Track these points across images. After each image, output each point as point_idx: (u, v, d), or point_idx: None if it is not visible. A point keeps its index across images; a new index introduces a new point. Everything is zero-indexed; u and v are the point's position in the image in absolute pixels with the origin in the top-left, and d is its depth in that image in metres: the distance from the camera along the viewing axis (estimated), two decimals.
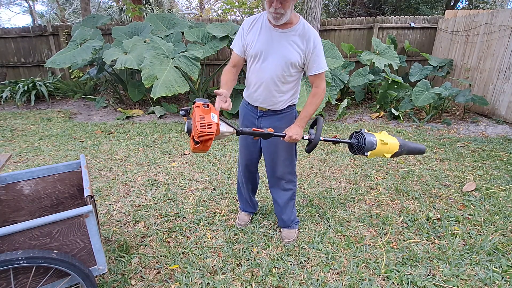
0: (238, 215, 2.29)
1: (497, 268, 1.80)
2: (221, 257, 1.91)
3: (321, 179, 2.96)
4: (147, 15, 8.69)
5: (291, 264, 1.86)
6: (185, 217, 2.34)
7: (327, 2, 12.79)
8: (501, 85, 4.80)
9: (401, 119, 4.96)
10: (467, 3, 11.51)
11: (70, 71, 6.98)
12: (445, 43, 6.23)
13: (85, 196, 1.43)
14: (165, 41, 4.84)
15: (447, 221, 2.25)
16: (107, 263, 1.64)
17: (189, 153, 3.63)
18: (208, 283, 1.71)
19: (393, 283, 1.71)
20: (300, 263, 1.87)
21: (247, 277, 1.75)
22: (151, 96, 4.13)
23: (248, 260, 1.89)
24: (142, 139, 4.17)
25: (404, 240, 2.07)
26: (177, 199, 2.60)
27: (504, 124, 4.70)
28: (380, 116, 5.23)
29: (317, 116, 1.82)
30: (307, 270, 1.81)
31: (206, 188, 2.79)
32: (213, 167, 3.23)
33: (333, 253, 1.93)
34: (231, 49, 1.84)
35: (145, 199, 2.61)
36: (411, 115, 5.05)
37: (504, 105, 4.76)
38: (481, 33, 5.23)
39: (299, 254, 1.94)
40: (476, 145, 3.81)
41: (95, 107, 5.75)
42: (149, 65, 4.28)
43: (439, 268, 1.81)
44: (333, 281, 1.73)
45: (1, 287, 1.22)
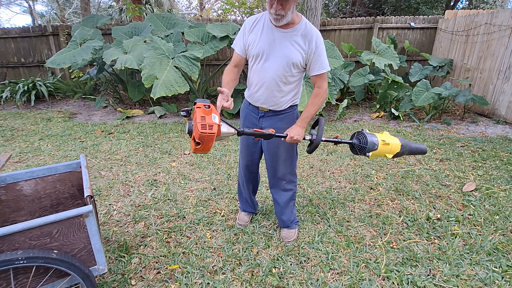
0: (238, 215, 2.29)
1: (497, 268, 1.80)
2: (221, 257, 1.91)
3: (321, 179, 2.96)
4: (147, 15, 8.68)
5: (291, 264, 1.86)
6: (185, 217, 2.34)
7: (327, 2, 12.79)
8: (501, 85, 4.80)
9: (401, 119, 4.96)
10: (467, 3, 11.51)
11: (70, 71, 6.98)
12: (445, 43, 6.23)
13: (85, 196, 1.43)
14: (165, 41, 4.84)
15: (447, 221, 2.25)
16: (107, 263, 1.64)
17: (189, 153, 3.63)
18: (208, 283, 1.71)
19: (393, 283, 1.71)
20: (300, 263, 1.87)
21: (247, 277, 1.75)
22: (151, 96, 4.13)
23: (248, 260, 1.89)
24: (142, 139, 4.17)
25: (404, 240, 2.07)
26: (177, 199, 2.60)
27: (504, 124, 4.70)
28: (380, 116, 5.23)
29: (319, 116, 1.81)
30: (307, 270, 1.81)
31: (206, 188, 2.79)
32: (213, 167, 3.23)
33: (333, 253, 1.93)
34: (231, 49, 1.84)
35: (145, 199, 2.61)
36: (411, 115, 5.05)
37: (504, 105, 4.76)
38: (481, 33, 5.23)
39: (299, 254, 1.94)
40: (476, 145, 3.81)
41: (95, 107, 5.75)
42: (149, 65, 4.28)
43: (439, 268, 1.81)
44: (333, 281, 1.73)
45: (1, 287, 1.22)
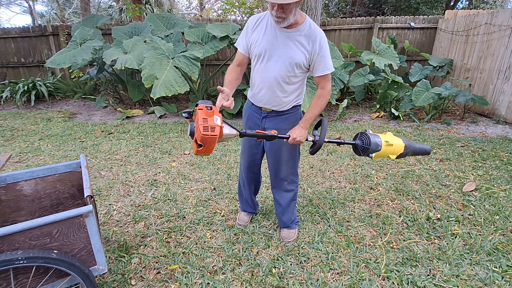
0: (238, 215, 2.29)
1: (497, 268, 1.80)
2: (221, 257, 1.91)
3: (321, 179, 2.96)
4: (147, 15, 8.68)
5: (291, 264, 1.86)
6: (185, 217, 2.34)
7: (327, 2, 12.79)
8: (501, 85, 4.80)
9: (401, 119, 4.96)
10: (467, 3, 11.52)
11: (70, 71, 6.98)
12: (445, 43, 6.23)
13: (85, 196, 1.43)
14: (165, 41, 4.84)
15: (447, 221, 2.25)
16: (107, 263, 1.64)
17: (189, 153, 3.63)
18: (208, 283, 1.71)
19: (393, 283, 1.71)
20: (300, 263, 1.87)
21: (247, 277, 1.75)
22: (151, 96, 4.14)
23: (248, 260, 1.89)
24: (142, 139, 4.17)
25: (404, 240, 2.07)
26: (177, 199, 2.60)
27: (504, 124, 4.70)
28: (380, 116, 5.23)
29: (322, 117, 1.80)
30: (307, 270, 1.81)
31: (206, 188, 2.79)
32: (213, 167, 3.23)
33: (333, 253, 1.93)
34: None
35: (145, 199, 2.61)
36: (411, 115, 5.05)
37: (504, 105, 4.76)
38: (481, 33, 5.23)
39: (299, 254, 1.94)
40: (476, 145, 3.81)
41: (95, 107, 5.75)
42: (149, 65, 4.28)
43: (439, 268, 1.81)
44: (333, 281, 1.73)
45: (1, 287, 1.22)
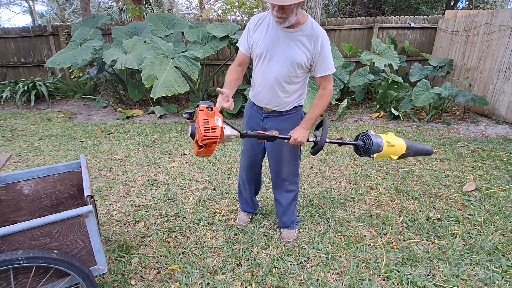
0: (238, 215, 2.29)
1: (497, 268, 1.80)
2: (221, 257, 1.91)
3: (321, 179, 2.96)
4: (147, 15, 8.68)
5: (291, 264, 1.86)
6: (185, 217, 2.34)
7: (327, 2, 12.80)
8: (501, 85, 4.80)
9: (401, 119, 4.96)
10: (467, 3, 11.52)
11: (70, 71, 6.98)
12: (445, 43, 6.23)
13: (85, 196, 1.43)
14: (165, 41, 4.84)
15: (447, 221, 2.25)
16: (107, 263, 1.64)
17: (189, 153, 3.63)
18: (208, 283, 1.71)
19: (393, 283, 1.71)
20: (300, 263, 1.87)
21: (247, 277, 1.75)
22: (151, 96, 4.13)
23: (248, 260, 1.89)
24: (142, 139, 4.17)
25: (404, 240, 2.07)
26: (177, 199, 2.60)
27: (504, 124, 4.70)
28: (380, 116, 5.23)
29: (323, 117, 1.79)
30: (307, 270, 1.81)
31: (206, 188, 2.79)
32: (213, 167, 3.23)
33: (333, 253, 1.93)
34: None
35: (145, 199, 2.61)
36: (411, 115, 5.05)
37: (504, 105, 4.76)
38: (481, 33, 5.23)
39: (299, 254, 1.94)
40: (476, 145, 3.81)
41: (95, 107, 5.75)
42: (149, 65, 4.28)
43: (439, 268, 1.81)
44: (333, 281, 1.73)
45: (1, 287, 1.22)
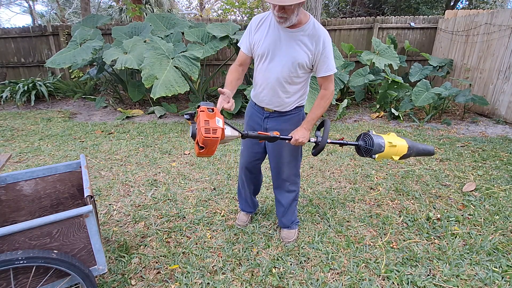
0: (237, 215, 2.29)
1: (497, 268, 1.80)
2: (221, 257, 1.91)
3: (321, 179, 2.96)
4: (147, 15, 8.68)
5: (291, 264, 1.86)
6: (185, 217, 2.34)
7: (327, 2, 12.80)
8: (501, 85, 4.80)
9: (401, 119, 4.96)
10: (467, 3, 11.52)
11: (70, 71, 6.98)
12: (445, 43, 6.23)
13: (85, 196, 1.43)
14: (165, 41, 4.84)
15: (447, 221, 2.25)
16: (107, 263, 1.64)
17: (189, 153, 3.63)
18: (208, 283, 1.71)
19: (393, 283, 1.71)
20: (300, 263, 1.87)
21: (247, 277, 1.75)
22: (151, 96, 4.14)
23: (248, 260, 1.89)
24: (142, 139, 4.17)
25: (404, 240, 2.07)
26: (177, 199, 2.60)
27: (504, 124, 4.70)
28: (380, 116, 5.23)
29: (324, 118, 1.79)
30: (307, 270, 1.81)
31: (206, 188, 2.79)
32: (213, 167, 3.23)
33: (333, 253, 1.93)
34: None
35: (145, 199, 2.61)
36: (411, 115, 5.05)
37: (504, 105, 4.76)
38: (481, 33, 5.23)
39: (299, 254, 1.94)
40: (476, 145, 3.81)
41: (95, 107, 5.75)
42: (149, 65, 4.28)
43: (439, 268, 1.81)
44: (333, 281, 1.73)
45: (1, 287, 1.22)
